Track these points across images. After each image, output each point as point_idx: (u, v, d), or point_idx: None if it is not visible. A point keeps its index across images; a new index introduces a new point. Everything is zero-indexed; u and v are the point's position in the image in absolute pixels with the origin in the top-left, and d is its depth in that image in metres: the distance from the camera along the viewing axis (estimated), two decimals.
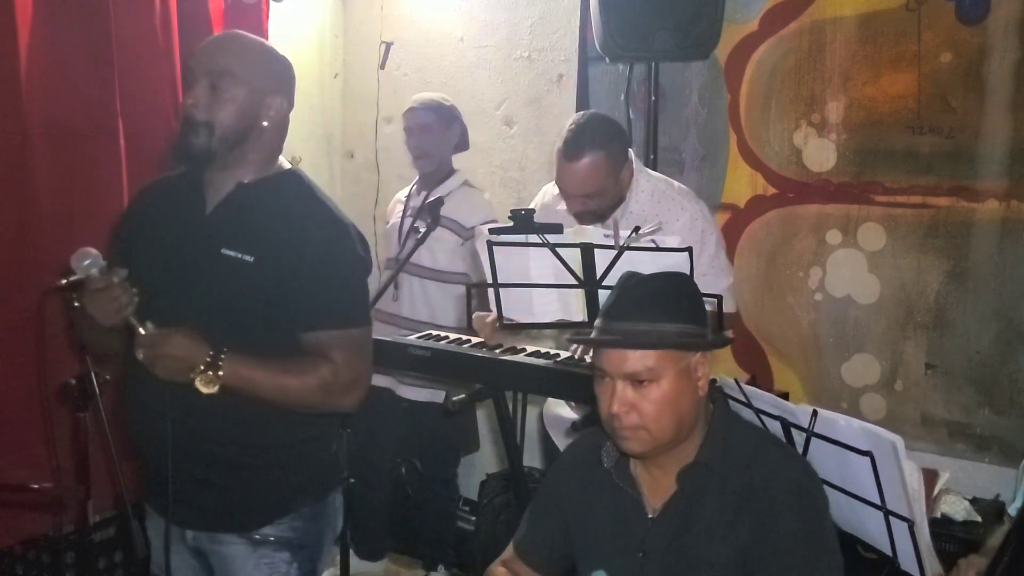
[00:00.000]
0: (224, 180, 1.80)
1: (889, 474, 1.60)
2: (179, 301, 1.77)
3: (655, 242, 2.13)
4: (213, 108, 1.74)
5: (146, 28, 2.98)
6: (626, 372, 1.49)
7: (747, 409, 1.82)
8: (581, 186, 2.38)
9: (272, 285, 1.74)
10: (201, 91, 1.74)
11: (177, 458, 1.78)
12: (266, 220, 1.77)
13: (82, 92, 2.81)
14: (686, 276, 1.60)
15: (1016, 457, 2.72)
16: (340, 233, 1.81)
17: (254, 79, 1.77)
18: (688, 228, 2.44)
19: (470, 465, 3.76)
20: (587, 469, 1.68)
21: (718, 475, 1.53)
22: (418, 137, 3.31)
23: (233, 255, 1.74)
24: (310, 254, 1.75)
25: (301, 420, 1.82)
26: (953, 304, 2.92)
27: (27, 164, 2.70)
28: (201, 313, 1.75)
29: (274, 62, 1.84)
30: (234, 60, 1.76)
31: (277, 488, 1.83)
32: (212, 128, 1.74)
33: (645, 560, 1.57)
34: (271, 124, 1.81)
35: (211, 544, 1.84)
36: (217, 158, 1.77)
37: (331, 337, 1.76)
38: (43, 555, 2.81)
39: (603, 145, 2.36)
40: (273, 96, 1.80)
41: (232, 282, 1.75)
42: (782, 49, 3.14)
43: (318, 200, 1.84)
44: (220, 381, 1.68)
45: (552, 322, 2.31)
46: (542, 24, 3.67)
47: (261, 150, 1.81)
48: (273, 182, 1.83)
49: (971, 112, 2.84)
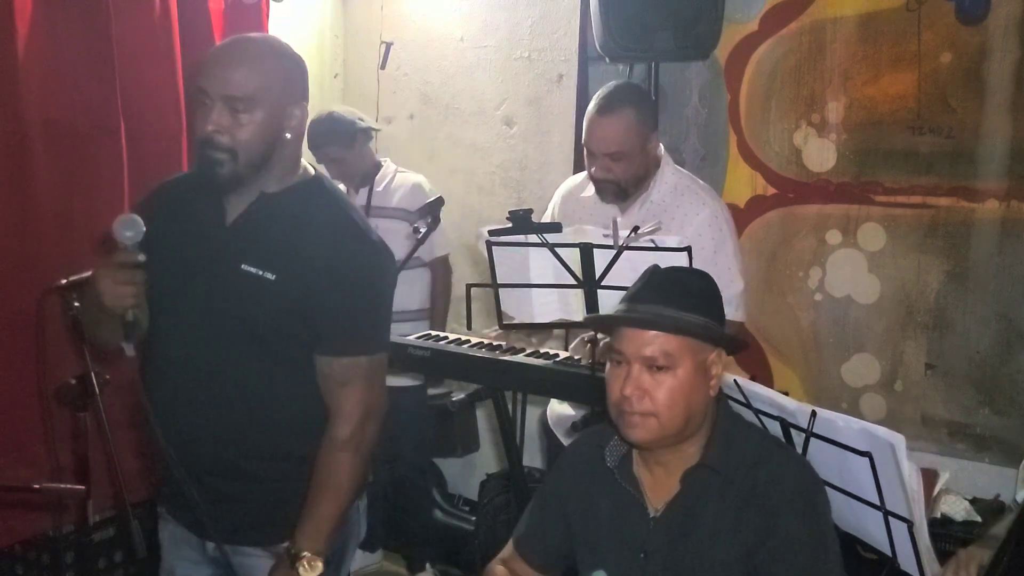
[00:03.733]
0: (246, 190, 1.74)
1: (888, 474, 1.60)
2: (194, 314, 1.74)
3: (654, 242, 2.13)
4: (235, 133, 1.65)
5: (146, 28, 2.98)
6: (645, 355, 1.49)
7: (746, 410, 1.82)
8: (608, 142, 2.40)
9: (293, 304, 1.69)
10: (220, 116, 1.65)
11: (200, 469, 1.75)
12: (289, 235, 1.71)
13: (82, 92, 2.81)
14: (709, 276, 1.60)
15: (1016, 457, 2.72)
16: (365, 251, 1.75)
17: (273, 96, 1.68)
18: (707, 224, 2.44)
19: (470, 465, 3.76)
20: (589, 468, 1.68)
21: (721, 477, 1.53)
22: (334, 170, 3.27)
23: (253, 271, 1.69)
24: (332, 275, 1.69)
25: (321, 430, 1.76)
26: (953, 304, 2.92)
27: (27, 164, 2.70)
28: (217, 328, 1.72)
29: (289, 68, 1.75)
30: (252, 80, 1.66)
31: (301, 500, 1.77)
32: (236, 154, 1.66)
33: (646, 561, 1.56)
34: (294, 134, 1.74)
35: (235, 555, 1.80)
36: (243, 181, 1.71)
37: (343, 366, 1.72)
38: (43, 555, 2.81)
39: (634, 104, 2.41)
40: (293, 106, 1.73)
41: (251, 299, 1.70)
42: (782, 49, 3.14)
43: (343, 212, 1.77)
44: (319, 558, 1.70)
45: (552, 322, 2.31)
46: (542, 24, 3.67)
47: (284, 161, 1.75)
48: (296, 192, 1.76)
49: (971, 112, 2.84)
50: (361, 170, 3.39)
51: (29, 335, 2.60)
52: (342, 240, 1.72)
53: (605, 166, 2.43)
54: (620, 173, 2.43)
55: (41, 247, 2.74)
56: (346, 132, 3.29)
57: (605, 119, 2.40)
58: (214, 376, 1.73)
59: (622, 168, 2.42)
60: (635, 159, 2.43)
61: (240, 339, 1.71)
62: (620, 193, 2.47)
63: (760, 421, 1.81)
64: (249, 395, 1.73)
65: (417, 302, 3.39)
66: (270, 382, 1.74)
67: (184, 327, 1.72)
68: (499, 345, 2.37)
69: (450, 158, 3.94)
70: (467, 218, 3.81)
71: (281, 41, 1.80)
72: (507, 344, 2.37)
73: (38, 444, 2.66)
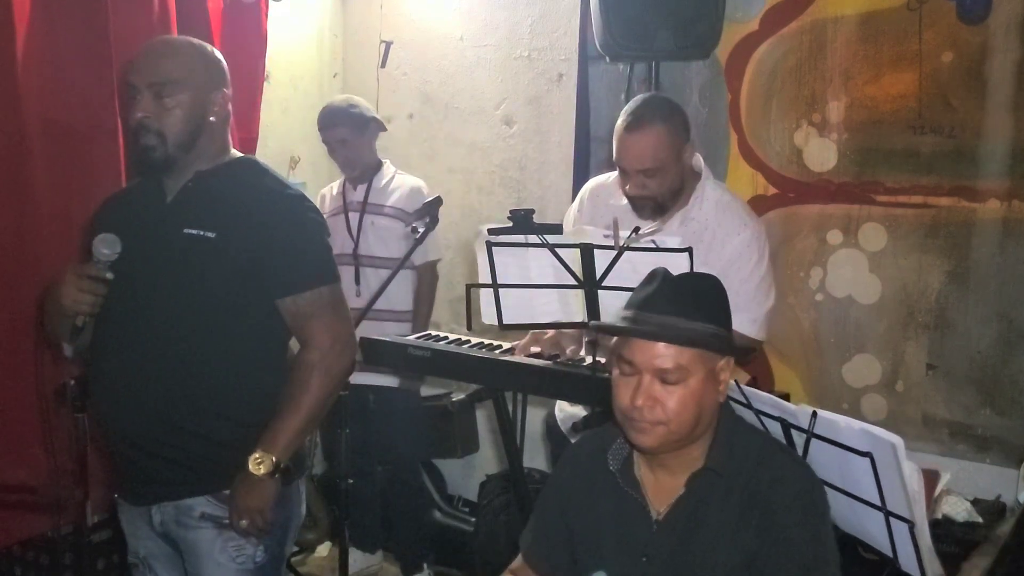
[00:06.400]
0: (182, 173, 1.88)
1: (889, 475, 1.59)
2: (148, 286, 1.83)
3: (655, 243, 2.12)
4: (162, 117, 1.82)
5: (145, 27, 2.97)
6: (657, 367, 1.47)
7: (747, 411, 1.81)
8: (641, 159, 2.33)
9: (237, 257, 1.82)
10: (147, 102, 1.81)
11: (146, 437, 1.83)
12: (225, 199, 1.86)
13: (80, 91, 2.80)
14: (717, 279, 1.58)
15: (1018, 458, 2.71)
16: (296, 200, 1.91)
17: (195, 82, 1.85)
18: (746, 245, 2.40)
19: (470, 466, 3.75)
20: (591, 471, 1.67)
21: (724, 480, 1.52)
22: (340, 152, 3.40)
23: (195, 233, 1.82)
24: (271, 222, 1.84)
25: (266, 403, 1.86)
26: (954, 304, 2.91)
27: (25, 164, 2.69)
28: (171, 295, 1.82)
29: (207, 57, 1.90)
30: (173, 66, 1.83)
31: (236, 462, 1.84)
32: (164, 136, 1.82)
33: (648, 564, 1.56)
34: (218, 118, 1.90)
35: (179, 529, 1.87)
36: (176, 163, 1.86)
37: (306, 301, 1.85)
38: (41, 556, 2.80)
39: (665, 118, 2.34)
40: (215, 93, 1.89)
41: (197, 259, 1.82)
42: (783, 48, 3.13)
43: (272, 177, 1.95)
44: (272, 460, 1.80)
45: (552, 323, 2.30)
46: (542, 23, 3.66)
47: (213, 143, 1.91)
48: (230, 167, 1.93)
49: (972, 112, 2.83)
50: (364, 161, 3.42)
51: (27, 335, 2.60)
52: (272, 197, 1.89)
53: (640, 183, 2.36)
54: (656, 188, 2.36)
55: (39, 247, 2.73)
56: (360, 117, 3.38)
57: (635, 135, 2.32)
58: (162, 344, 1.83)
59: (657, 183, 2.35)
60: (669, 173, 2.36)
61: (186, 304, 1.82)
62: (658, 208, 2.40)
63: (761, 422, 1.80)
64: (196, 360, 1.83)
65: (403, 303, 3.40)
66: (216, 347, 1.84)
67: (131, 299, 1.82)
68: (499, 345, 2.36)
69: (449, 157, 3.94)
70: (466, 218, 3.81)
71: (199, 40, 1.96)
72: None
73: (36, 445, 2.65)
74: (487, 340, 2.43)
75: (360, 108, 3.40)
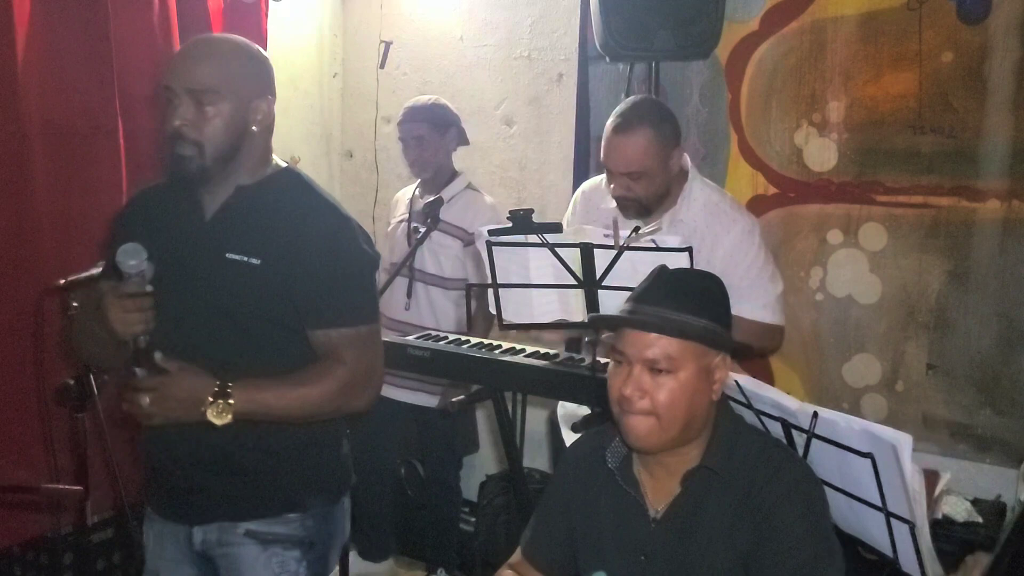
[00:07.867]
0: (221, 186, 1.77)
1: (890, 475, 1.59)
2: (184, 309, 1.75)
3: (655, 242, 2.12)
4: (201, 127, 1.69)
5: (145, 28, 2.97)
6: (646, 357, 1.48)
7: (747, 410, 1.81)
8: (627, 162, 2.34)
9: (280, 285, 1.72)
10: (187, 110, 1.69)
11: (189, 462, 1.78)
12: (268, 221, 1.75)
13: (81, 92, 2.81)
14: (718, 278, 1.59)
15: (1018, 458, 2.71)
16: (345, 229, 1.78)
17: (238, 89, 1.72)
18: (739, 240, 2.41)
19: (470, 466, 3.75)
20: (590, 470, 1.68)
21: (721, 479, 1.52)
22: (413, 149, 3.24)
23: (239, 259, 1.72)
24: (316, 252, 1.73)
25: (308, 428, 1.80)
26: (954, 304, 2.91)
27: (25, 164, 2.69)
28: (208, 320, 1.74)
29: (252, 62, 1.77)
30: (215, 73, 1.70)
31: (290, 485, 1.82)
32: (202, 147, 1.70)
33: (647, 563, 1.56)
34: (261, 128, 1.78)
35: (220, 547, 1.82)
36: (213, 175, 1.74)
37: (341, 335, 1.75)
38: (41, 556, 2.80)
39: (653, 123, 2.34)
40: (259, 100, 1.76)
41: (239, 286, 1.73)
42: (783, 48, 3.13)
43: (318, 196, 1.82)
44: (232, 409, 1.66)
45: (552, 322, 2.30)
46: (542, 23, 3.66)
47: (254, 154, 1.79)
48: (272, 182, 1.81)
49: (972, 112, 2.83)
50: (437, 164, 3.26)
51: (28, 335, 2.60)
52: (321, 221, 1.76)
53: (624, 185, 2.37)
54: (640, 192, 2.37)
55: (39, 248, 2.73)
56: (444, 118, 3.25)
57: (623, 138, 2.33)
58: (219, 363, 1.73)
59: (642, 187, 2.36)
60: (655, 177, 2.36)
61: (227, 329, 1.74)
62: (642, 210, 2.41)
63: (761, 422, 1.80)
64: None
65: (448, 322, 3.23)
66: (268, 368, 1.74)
67: (170, 322, 1.73)
68: (498, 345, 2.36)
69: None
70: None
71: (245, 40, 1.81)
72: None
73: (36, 445, 2.65)
74: (487, 340, 2.43)
75: (447, 110, 3.27)
